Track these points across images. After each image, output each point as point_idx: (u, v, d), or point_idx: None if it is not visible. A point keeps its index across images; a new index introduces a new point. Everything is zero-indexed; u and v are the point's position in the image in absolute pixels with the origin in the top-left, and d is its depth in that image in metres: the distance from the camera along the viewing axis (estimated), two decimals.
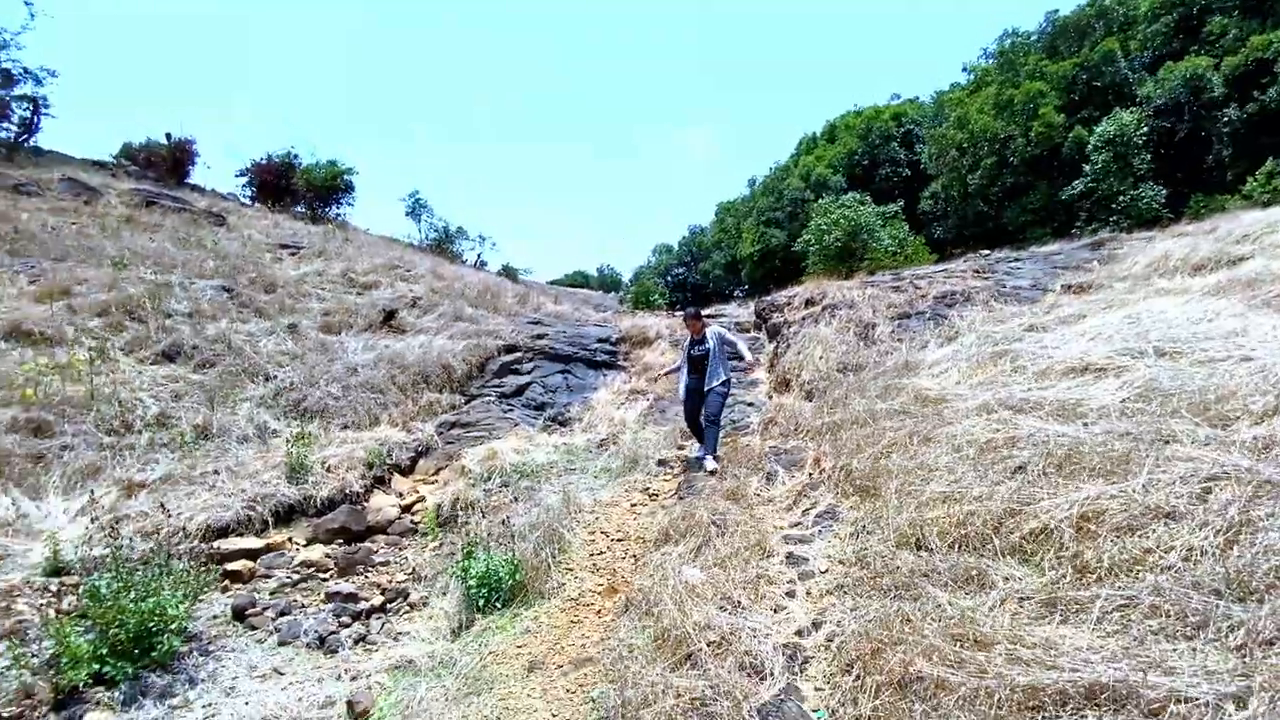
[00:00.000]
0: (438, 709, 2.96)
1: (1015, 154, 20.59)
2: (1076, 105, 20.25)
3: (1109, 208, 18.33)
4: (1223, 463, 2.81)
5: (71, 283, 9.01)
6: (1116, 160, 18.32)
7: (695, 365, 6.18)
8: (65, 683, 3.29)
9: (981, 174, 21.70)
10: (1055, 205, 20.08)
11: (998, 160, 21.36)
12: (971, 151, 21.84)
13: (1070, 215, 19.61)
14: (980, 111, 21.99)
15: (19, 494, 5.83)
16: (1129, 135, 18.00)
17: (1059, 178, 20.27)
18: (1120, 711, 1.75)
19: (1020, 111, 20.55)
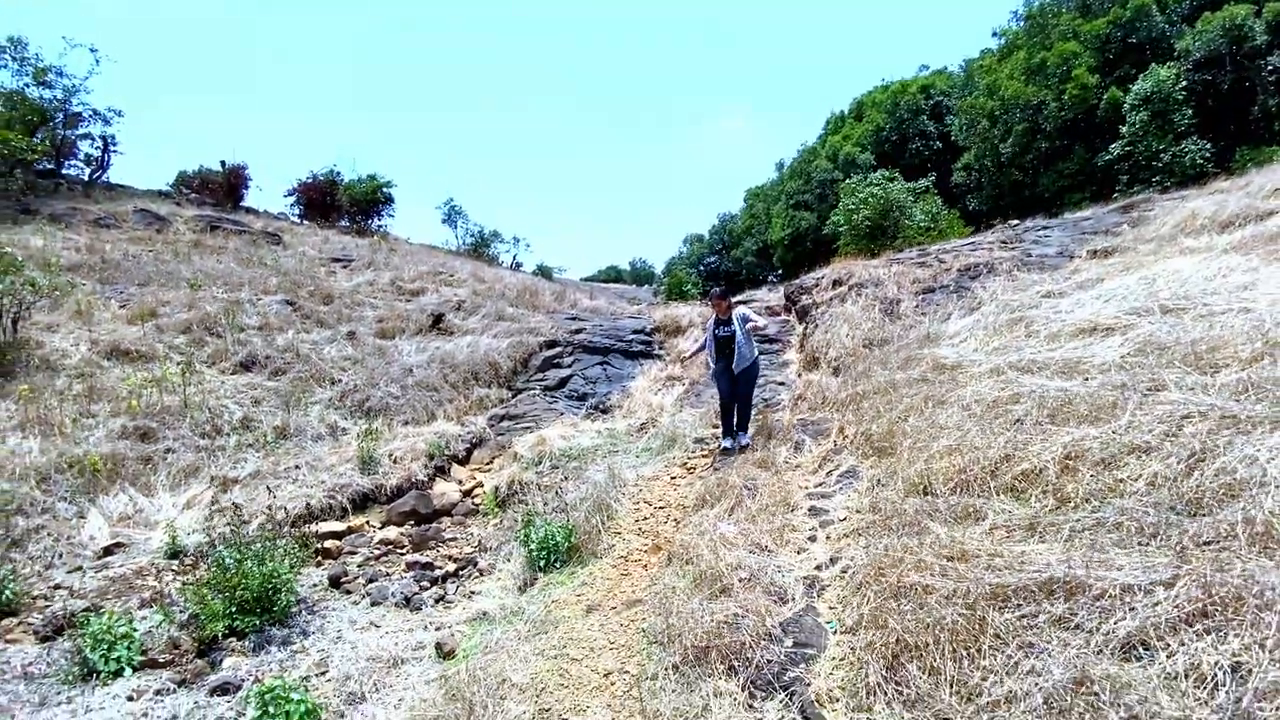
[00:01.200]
0: (512, 645, 3.50)
1: (1048, 119, 20.17)
2: (1111, 64, 19.71)
3: (1150, 168, 17.85)
4: (1197, 403, 3.12)
5: (156, 305, 9.95)
6: (1155, 118, 17.81)
7: (722, 347, 6.18)
8: (206, 635, 3.96)
9: (1014, 142, 21.32)
10: (1092, 169, 19.63)
11: (1030, 127, 20.95)
12: (1003, 120, 21.46)
13: (1109, 179, 19.15)
14: (1010, 78, 21.57)
15: (134, 491, 6.65)
16: (1167, 91, 17.48)
17: (1096, 141, 19.78)
18: (1070, 599, 2.14)
19: (1053, 75, 20.11)
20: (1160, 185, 16.52)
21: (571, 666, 3.11)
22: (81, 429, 7.09)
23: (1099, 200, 17.46)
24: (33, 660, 3.85)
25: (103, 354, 8.56)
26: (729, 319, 6.16)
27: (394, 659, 3.76)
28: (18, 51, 14.31)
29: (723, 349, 6.16)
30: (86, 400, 7.54)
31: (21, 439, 6.69)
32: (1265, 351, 3.62)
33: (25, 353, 8.08)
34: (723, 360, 6.18)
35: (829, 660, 2.49)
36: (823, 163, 30.38)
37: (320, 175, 22.02)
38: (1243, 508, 2.30)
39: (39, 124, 15.14)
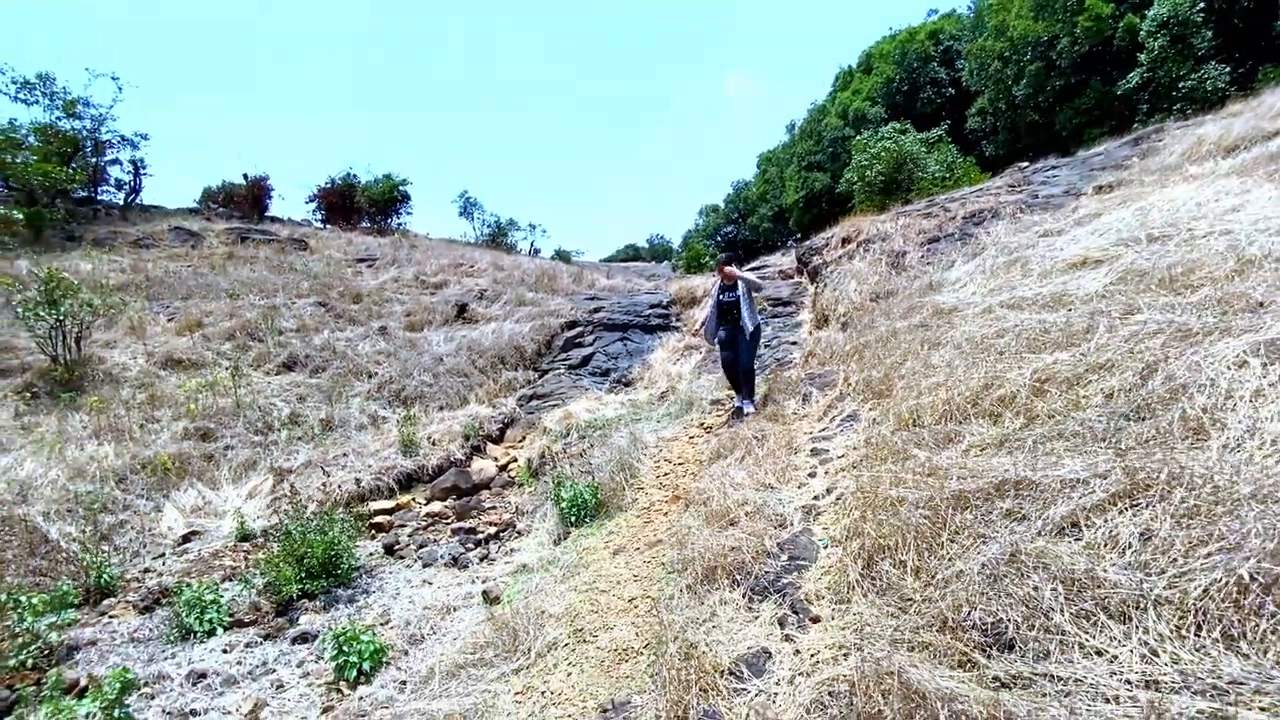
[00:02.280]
0: (550, 586, 3.93)
1: (1062, 55, 19.63)
2: None
3: (1170, 96, 17.32)
4: (1160, 322, 3.34)
5: (201, 316, 10.60)
6: (1174, 43, 17.23)
7: (725, 312, 6.25)
8: (282, 597, 4.49)
9: (1028, 82, 20.81)
10: (1111, 102, 19.10)
11: (1044, 65, 20.40)
12: (1014, 60, 20.94)
13: (1130, 111, 18.62)
14: (1019, 16, 20.98)
15: (201, 486, 7.27)
16: (1185, 14, 16.88)
17: (1113, 73, 19.21)
18: (1019, 496, 2.44)
19: (1063, 8, 19.51)
20: (1181, 113, 16.05)
21: (600, 597, 3.53)
22: (148, 433, 7.73)
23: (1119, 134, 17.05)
24: (136, 628, 4.42)
25: (158, 365, 9.23)
26: (733, 286, 6.26)
27: (447, 607, 4.24)
28: (47, 87, 15.04)
29: (725, 315, 6.26)
30: (149, 407, 8.20)
31: (97, 445, 7.34)
32: (1237, 270, 3.80)
33: (90, 368, 8.77)
34: (725, 328, 6.28)
35: (818, 568, 2.85)
36: (833, 121, 29.97)
37: (338, 180, 22.61)
38: (1181, 407, 2.56)
39: (73, 154, 15.92)
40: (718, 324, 6.37)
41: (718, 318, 6.35)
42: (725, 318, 6.28)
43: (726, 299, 6.26)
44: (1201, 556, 1.76)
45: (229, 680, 3.62)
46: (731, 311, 6.20)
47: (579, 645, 3.06)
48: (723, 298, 6.30)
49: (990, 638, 1.87)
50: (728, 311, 6.24)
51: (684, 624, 2.66)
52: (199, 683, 3.58)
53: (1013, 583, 1.99)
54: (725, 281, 6.35)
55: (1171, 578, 1.75)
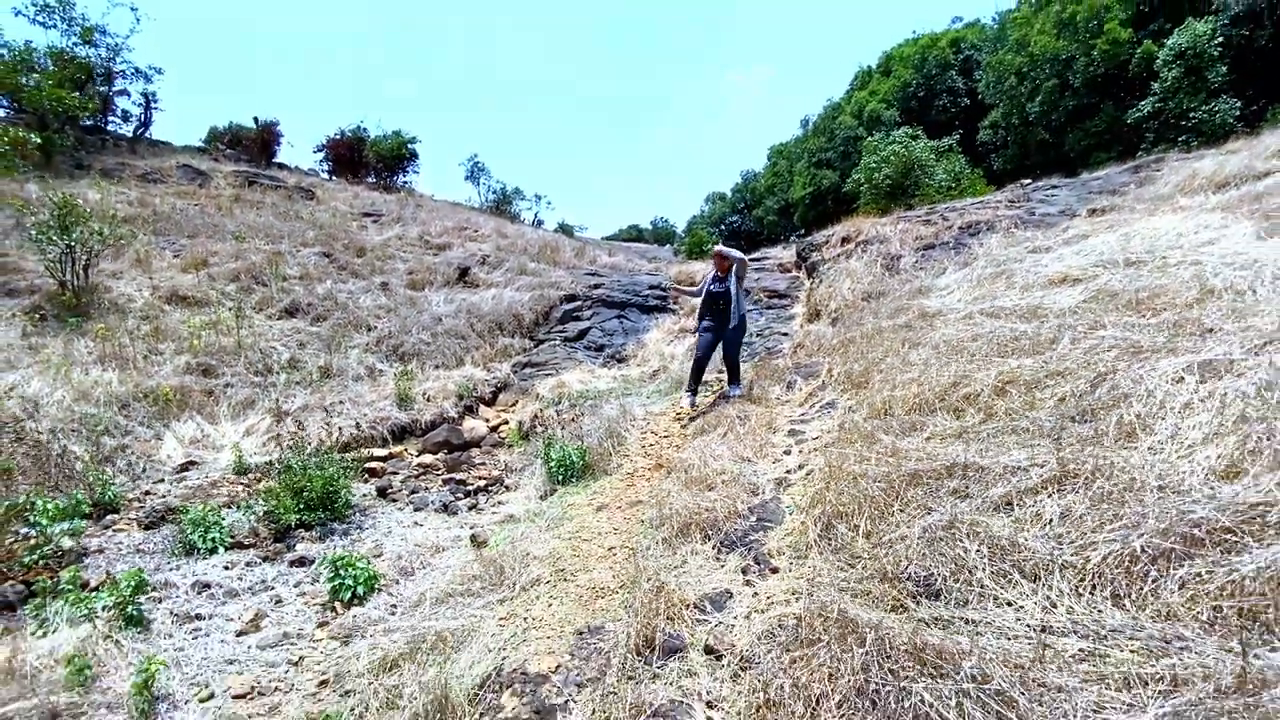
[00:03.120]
0: (535, 534, 4.22)
1: (1077, 75, 19.78)
2: (1145, 18, 19.16)
3: (1179, 127, 17.55)
4: (1118, 338, 3.63)
5: (206, 255, 10.74)
6: (1189, 74, 17.41)
7: (713, 303, 6.15)
8: (280, 525, 4.76)
9: (1042, 99, 20.96)
10: (1121, 128, 19.31)
11: (1059, 83, 20.55)
12: (1031, 76, 21.06)
13: (1137, 137, 18.84)
14: (1041, 32, 21.06)
15: (201, 420, 7.49)
16: (1202, 47, 17.05)
17: (1125, 98, 19.40)
18: (966, 477, 2.74)
19: (1083, 29, 19.62)
20: (1187, 144, 16.31)
21: (582, 545, 3.82)
22: (151, 364, 7.93)
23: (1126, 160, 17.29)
24: (141, 542, 4.68)
25: (163, 299, 9.39)
26: (725, 275, 6.21)
27: (436, 546, 4.53)
28: (65, 11, 14.90)
29: (712, 304, 6.19)
30: (153, 339, 8.38)
31: (102, 371, 7.54)
32: (1198, 298, 4.09)
33: (96, 296, 8.92)
34: (709, 317, 6.24)
35: (782, 530, 3.14)
36: (847, 120, 30.00)
37: (348, 132, 22.53)
38: (1120, 413, 2.86)
39: (85, 81, 15.81)
40: (703, 313, 6.33)
41: (705, 307, 6.30)
42: (711, 307, 6.22)
43: (716, 289, 6.19)
44: (1106, 532, 2.06)
45: (231, 592, 3.90)
46: (718, 302, 6.15)
47: (560, 583, 3.35)
48: (712, 287, 6.23)
49: (922, 588, 2.17)
50: (715, 300, 6.18)
51: (657, 568, 2.95)
52: (203, 592, 3.86)
53: (947, 545, 2.28)
54: (718, 271, 6.28)
55: (1078, 547, 2.05)
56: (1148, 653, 1.62)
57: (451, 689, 2.47)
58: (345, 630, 3.43)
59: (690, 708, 2.00)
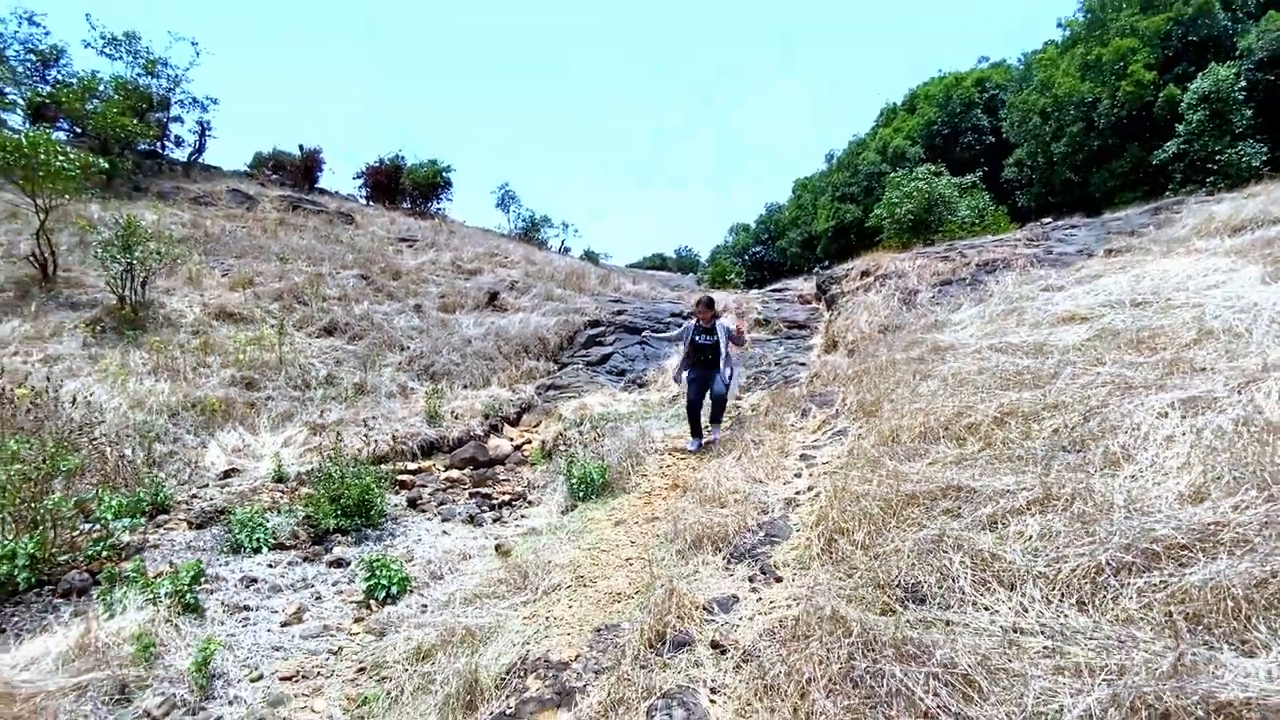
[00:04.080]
0: (556, 545, 4.48)
1: (1102, 117, 19.97)
2: (1170, 62, 19.36)
3: (1204, 169, 17.60)
4: (1113, 375, 3.83)
5: (253, 275, 11.35)
6: (1213, 118, 17.52)
7: (700, 354, 6.18)
8: (320, 529, 5.09)
9: (1066, 140, 21.15)
10: (1146, 169, 19.38)
11: (1084, 125, 20.74)
12: (1055, 117, 21.29)
13: (1163, 178, 18.90)
14: (1066, 74, 21.35)
15: (243, 430, 7.92)
16: (1227, 91, 17.18)
17: (1150, 140, 19.50)
18: (960, 499, 2.95)
19: (1108, 71, 19.87)
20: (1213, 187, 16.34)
21: (601, 555, 4.07)
22: (200, 376, 8.42)
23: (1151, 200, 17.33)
24: (191, 540, 5.03)
25: (212, 315, 9.95)
26: (711, 328, 6.25)
27: (463, 554, 4.81)
28: (131, 44, 16.02)
29: (700, 355, 6.23)
30: (202, 353, 8.90)
31: (155, 381, 8.04)
32: (1196, 339, 4.27)
33: (151, 311, 9.51)
34: (697, 368, 6.25)
35: (788, 544, 3.36)
36: (871, 155, 30.43)
37: (387, 160, 23.51)
38: (1106, 444, 3.06)
39: (146, 110, 16.87)
40: (688, 364, 6.33)
41: (691, 357, 6.29)
42: (698, 358, 6.24)
43: (704, 341, 6.22)
44: (1077, 547, 2.27)
45: (275, 588, 4.21)
46: (707, 354, 6.20)
47: (580, 588, 3.60)
48: (699, 339, 6.25)
49: (910, 594, 2.38)
50: (703, 352, 6.22)
51: (671, 575, 3.19)
52: (250, 586, 4.18)
53: (934, 557, 2.50)
54: (703, 323, 6.29)
55: (1051, 560, 2.26)
56: (1102, 649, 1.83)
57: (480, 674, 2.72)
58: (380, 625, 3.71)
59: (695, 692, 2.23)
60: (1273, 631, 1.73)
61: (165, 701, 2.95)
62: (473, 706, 2.56)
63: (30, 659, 3.10)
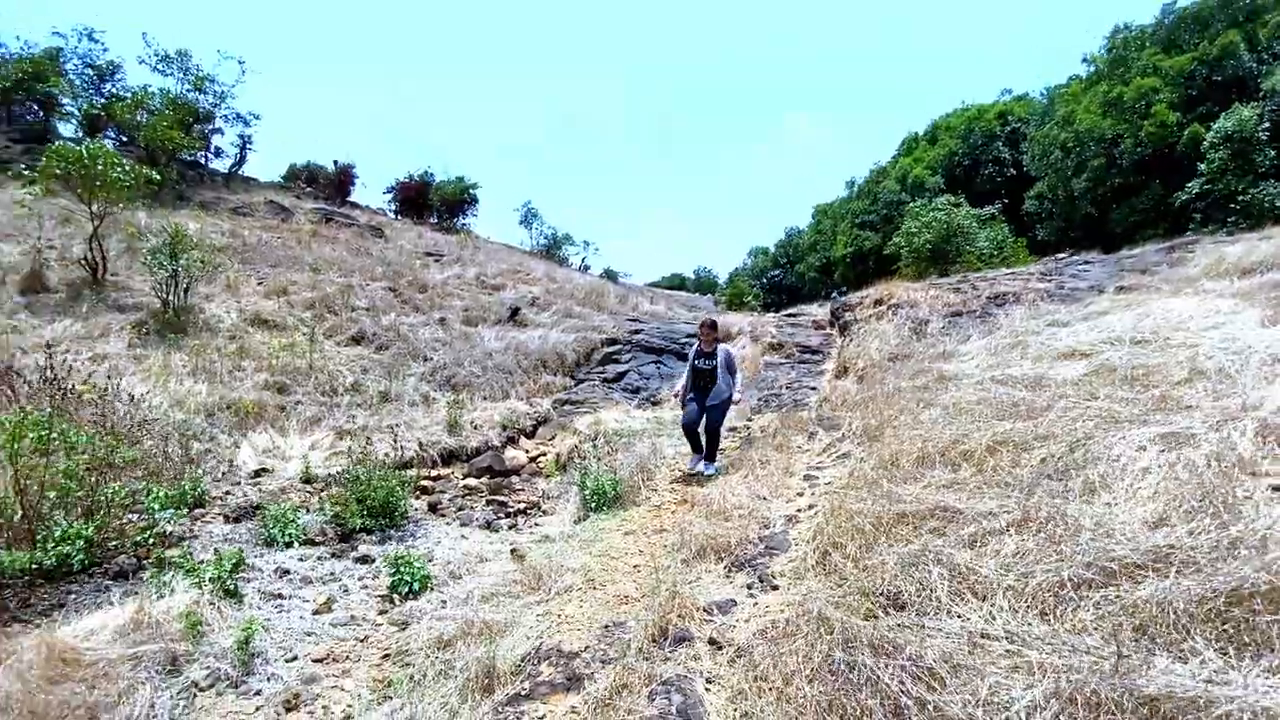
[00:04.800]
0: (568, 552, 4.73)
1: (1124, 154, 20.06)
2: (1193, 101, 19.46)
3: (1226, 208, 17.60)
4: (1101, 409, 4.03)
5: (287, 284, 11.85)
6: (1235, 158, 17.56)
7: (700, 378, 6.15)
8: (346, 527, 5.40)
9: (1087, 176, 21.24)
10: (1167, 207, 19.40)
11: (1105, 161, 20.84)
12: (1076, 152, 21.42)
13: (1184, 217, 18.91)
14: (1087, 110, 21.52)
15: (273, 432, 8.30)
16: (1250, 131, 17.24)
17: (1172, 178, 19.55)
18: (946, 519, 3.17)
19: (1130, 109, 20.01)
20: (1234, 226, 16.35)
21: (611, 562, 4.32)
22: (235, 379, 8.86)
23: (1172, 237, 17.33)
24: (227, 533, 5.36)
25: (248, 321, 10.43)
26: (712, 352, 6.19)
27: (480, 556, 5.08)
28: (183, 62, 16.89)
29: (699, 379, 6.17)
30: (237, 357, 9.34)
31: (194, 382, 8.48)
32: (1187, 378, 4.45)
33: (192, 316, 10.01)
34: (696, 392, 6.19)
35: (786, 557, 3.59)
36: (891, 184, 30.67)
37: (416, 176, 24.26)
38: (1087, 473, 3.26)
39: (192, 123, 17.70)
40: (689, 388, 6.30)
41: (690, 381, 6.29)
42: (697, 382, 6.20)
43: (702, 365, 6.17)
44: (1045, 564, 2.49)
45: (305, 579, 4.51)
46: (704, 378, 6.15)
47: (590, 590, 3.85)
48: (698, 363, 6.20)
49: (891, 602, 2.61)
50: (701, 376, 6.17)
51: (675, 580, 3.44)
52: (283, 576, 4.48)
53: (916, 570, 2.73)
54: (705, 347, 6.26)
55: (1020, 575, 2.48)
56: (1056, 652, 2.05)
57: (497, 662, 2.98)
58: (403, 617, 3.99)
59: (692, 680, 2.47)
60: (1208, 642, 1.95)
61: (210, 674, 3.24)
62: (490, 689, 2.82)
63: (90, 630, 3.41)
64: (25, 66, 15.46)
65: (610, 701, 2.43)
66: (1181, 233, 17.57)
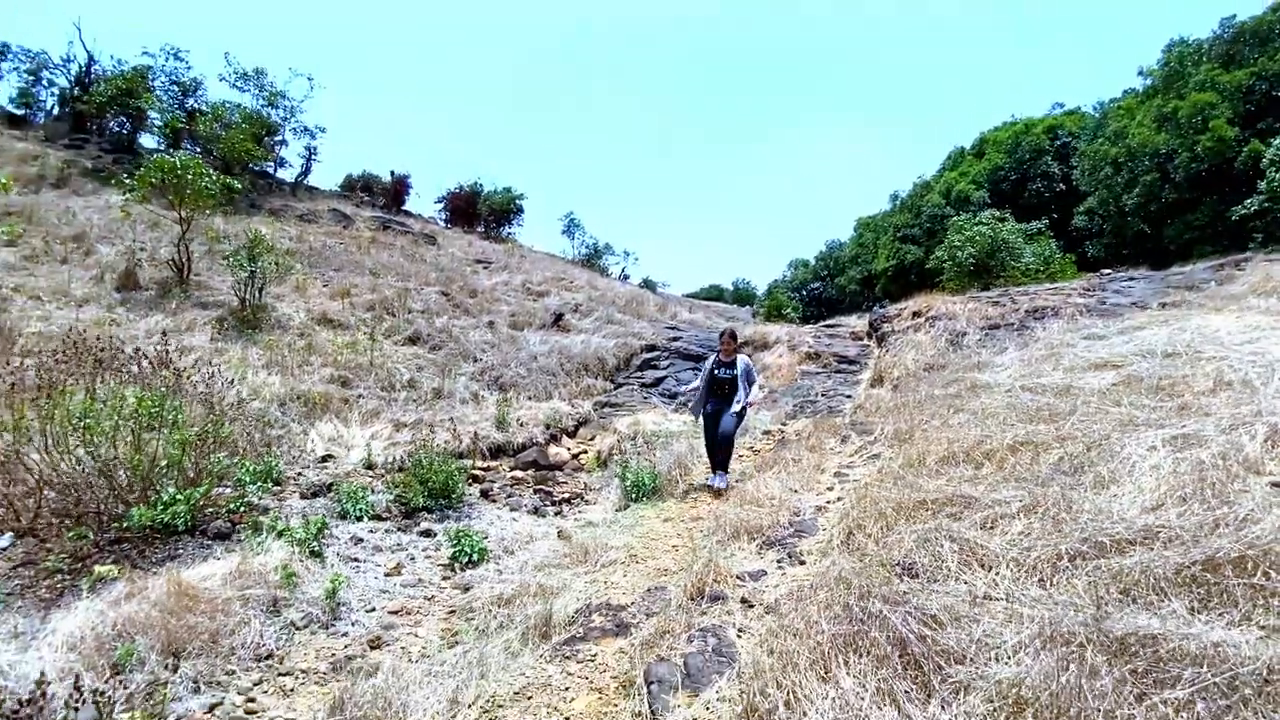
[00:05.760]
0: (611, 534, 5.14)
1: (1179, 170, 19.61)
2: (1252, 117, 18.91)
3: None
4: (1122, 414, 4.24)
5: (349, 287, 12.65)
6: None
7: (720, 387, 6.13)
8: (410, 506, 5.91)
9: (1139, 191, 20.79)
10: (1225, 223, 18.87)
11: (1158, 176, 20.38)
12: (1128, 167, 21.00)
13: (1244, 235, 18.36)
14: (1140, 125, 21.10)
15: (338, 422, 8.93)
16: None
17: (1229, 194, 19.01)
18: (962, 506, 3.45)
19: (1186, 125, 19.55)
20: None
21: (651, 542, 4.70)
22: (304, 372, 9.55)
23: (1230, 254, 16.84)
24: (304, 507, 5.92)
25: (315, 320, 11.20)
26: (731, 362, 6.15)
27: (530, 536, 5.52)
28: (259, 79, 18.12)
29: (717, 389, 6.17)
30: (306, 353, 10.07)
31: (268, 374, 9.20)
32: (1211, 388, 4.61)
33: (265, 314, 10.81)
34: (714, 401, 6.19)
35: (813, 539, 3.91)
36: (935, 198, 30.42)
37: (466, 187, 25.24)
38: (1099, 470, 3.51)
39: (264, 136, 18.93)
40: (707, 397, 6.28)
41: (708, 390, 6.26)
42: (715, 391, 6.20)
43: (722, 374, 6.16)
44: (1044, 540, 2.77)
45: (376, 548, 5.02)
46: (724, 387, 6.13)
47: (633, 564, 4.24)
48: (718, 372, 6.19)
49: (905, 570, 2.93)
50: (720, 385, 6.16)
51: (711, 553, 3.80)
52: (358, 544, 5.00)
53: (931, 545, 3.04)
54: (724, 356, 6.24)
55: (1023, 549, 2.77)
56: (1045, 608, 2.35)
57: (553, 615, 3.40)
58: (464, 582, 4.44)
59: (726, 629, 2.84)
60: (1181, 600, 2.22)
61: (305, 616, 3.74)
62: (548, 636, 3.23)
63: (203, 576, 3.96)
64: (119, 83, 16.84)
65: (654, 643, 2.81)
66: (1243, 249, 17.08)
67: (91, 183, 14.82)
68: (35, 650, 3.12)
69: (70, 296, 9.83)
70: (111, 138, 18.64)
